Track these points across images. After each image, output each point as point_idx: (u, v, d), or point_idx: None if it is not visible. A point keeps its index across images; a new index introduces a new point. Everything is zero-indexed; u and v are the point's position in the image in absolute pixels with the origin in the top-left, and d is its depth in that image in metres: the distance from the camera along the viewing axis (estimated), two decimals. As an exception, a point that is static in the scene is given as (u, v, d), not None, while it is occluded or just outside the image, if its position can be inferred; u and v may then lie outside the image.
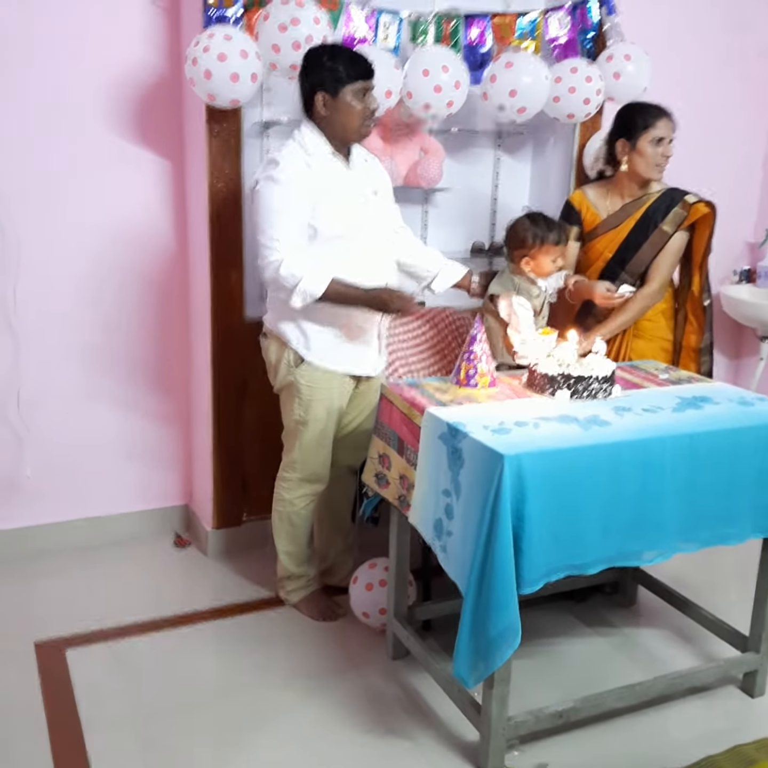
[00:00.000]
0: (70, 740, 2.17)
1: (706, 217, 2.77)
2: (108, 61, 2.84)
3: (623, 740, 2.22)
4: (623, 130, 2.76)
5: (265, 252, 2.37)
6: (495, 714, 2.03)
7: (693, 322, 2.91)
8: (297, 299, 2.36)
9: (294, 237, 2.36)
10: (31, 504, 3.08)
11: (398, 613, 2.47)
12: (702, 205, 2.76)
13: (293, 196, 2.35)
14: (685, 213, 2.76)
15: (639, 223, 2.79)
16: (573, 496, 1.95)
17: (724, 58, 3.82)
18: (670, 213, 2.77)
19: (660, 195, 2.80)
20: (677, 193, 2.80)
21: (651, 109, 2.74)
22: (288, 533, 2.71)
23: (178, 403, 3.25)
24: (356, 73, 2.36)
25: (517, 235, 2.64)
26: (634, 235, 2.80)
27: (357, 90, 2.37)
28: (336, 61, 2.35)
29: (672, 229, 2.77)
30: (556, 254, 2.64)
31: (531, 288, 2.66)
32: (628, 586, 2.84)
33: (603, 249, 2.85)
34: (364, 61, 2.38)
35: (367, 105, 2.40)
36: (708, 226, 2.79)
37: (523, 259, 2.63)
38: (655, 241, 2.78)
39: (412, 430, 2.20)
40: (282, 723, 2.26)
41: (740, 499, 2.17)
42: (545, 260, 2.63)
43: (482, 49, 2.97)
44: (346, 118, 2.39)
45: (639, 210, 2.80)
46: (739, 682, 2.44)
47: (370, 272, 2.47)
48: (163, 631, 2.66)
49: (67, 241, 2.93)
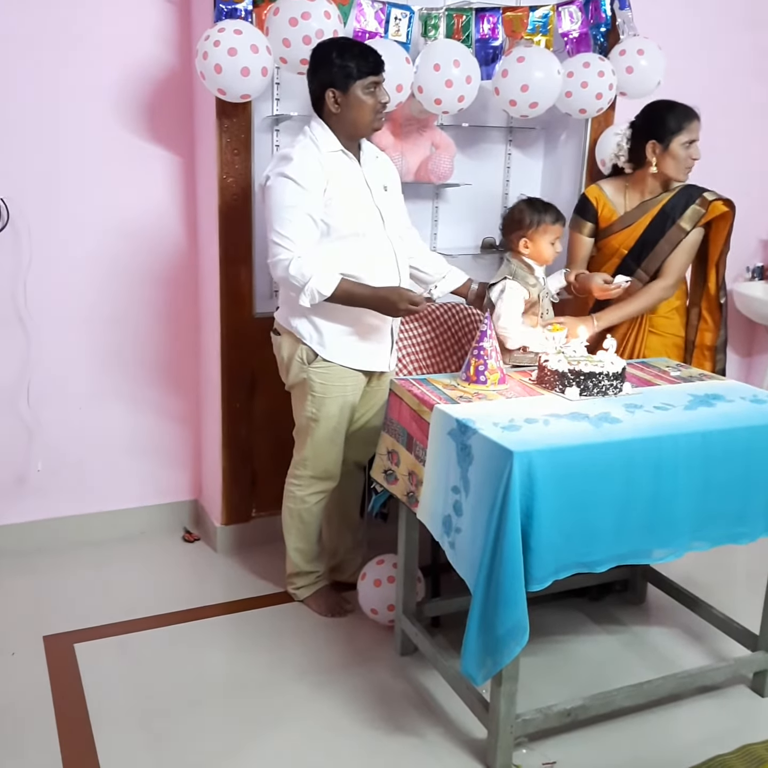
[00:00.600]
0: (78, 734, 2.17)
1: (725, 215, 2.74)
2: (119, 57, 2.84)
3: (632, 739, 2.21)
4: (653, 131, 2.70)
5: (276, 250, 2.36)
6: (503, 711, 2.02)
7: (708, 319, 2.88)
8: (305, 299, 2.35)
9: (305, 235, 2.35)
10: (41, 498, 3.09)
11: (407, 609, 2.47)
12: (721, 204, 2.73)
13: (305, 192, 2.34)
14: (703, 210, 2.73)
15: (656, 220, 2.76)
16: (583, 493, 1.94)
17: (739, 53, 3.79)
18: (688, 210, 2.74)
19: (678, 192, 2.77)
20: (695, 189, 2.77)
21: (683, 111, 2.70)
22: (298, 530, 2.70)
23: (188, 398, 3.26)
24: (367, 69, 2.34)
25: (514, 218, 2.64)
26: (650, 232, 2.77)
27: (367, 85, 2.35)
28: (345, 57, 2.33)
29: (690, 226, 2.74)
30: (554, 235, 2.61)
31: (527, 276, 2.64)
32: (638, 584, 2.82)
33: (618, 246, 2.82)
34: (373, 55, 2.36)
35: (378, 99, 2.39)
36: (726, 224, 2.76)
37: (521, 241, 2.61)
38: (672, 238, 2.75)
39: (421, 426, 2.20)
40: (291, 718, 2.26)
41: (753, 497, 2.15)
42: (543, 241, 2.61)
43: (494, 44, 2.95)
44: (358, 113, 2.38)
45: (656, 207, 2.77)
46: (749, 682, 2.43)
47: (384, 268, 2.47)
48: (172, 626, 2.67)
49: (78, 237, 2.94)
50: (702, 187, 2.78)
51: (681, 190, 2.77)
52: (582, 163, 3.29)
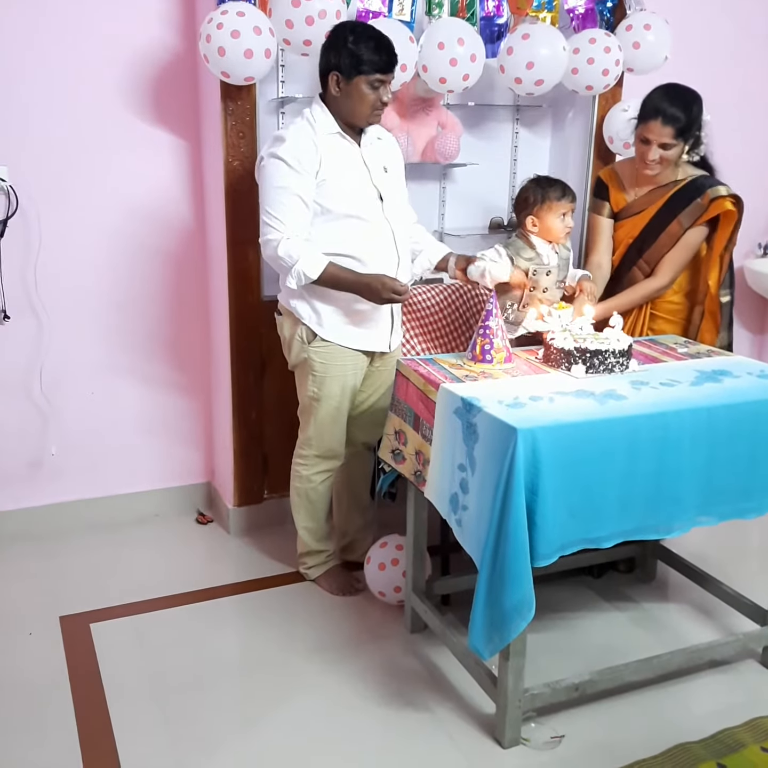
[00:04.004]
0: (94, 710, 2.22)
1: (731, 212, 2.64)
2: (124, 41, 2.84)
3: (640, 713, 2.23)
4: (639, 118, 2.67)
5: (265, 230, 2.38)
6: (511, 686, 2.05)
7: (709, 320, 2.75)
8: (292, 280, 2.37)
9: (295, 216, 2.36)
10: (56, 482, 3.13)
11: (416, 587, 2.49)
12: (726, 201, 2.62)
13: (297, 174, 2.34)
14: (703, 207, 2.64)
15: (660, 211, 2.71)
16: (588, 469, 1.95)
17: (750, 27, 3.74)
18: (690, 204, 2.66)
19: (687, 183, 2.69)
20: (704, 183, 2.67)
21: (650, 103, 2.61)
22: (306, 509, 2.73)
23: (200, 382, 3.28)
24: (375, 66, 2.32)
25: (521, 197, 2.63)
26: (655, 223, 2.72)
27: (372, 81, 2.33)
28: (359, 45, 2.30)
29: (688, 223, 2.66)
30: (561, 210, 2.58)
31: (524, 248, 2.62)
32: (647, 561, 2.83)
33: (625, 235, 2.79)
34: (387, 54, 2.33)
35: (380, 96, 2.37)
36: (731, 222, 2.65)
37: (528, 219, 2.60)
38: (672, 232, 2.69)
39: (427, 405, 2.21)
40: (303, 695, 2.29)
41: (759, 472, 2.15)
42: (549, 218, 2.58)
43: (498, 21, 2.93)
44: (356, 104, 2.37)
45: (664, 197, 2.71)
46: (758, 656, 2.43)
47: (383, 249, 2.47)
48: (186, 606, 2.70)
49: (86, 221, 2.96)
50: (713, 180, 2.69)
51: (691, 182, 2.69)
52: (590, 140, 3.26)
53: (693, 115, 2.61)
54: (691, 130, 2.63)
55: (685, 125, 2.59)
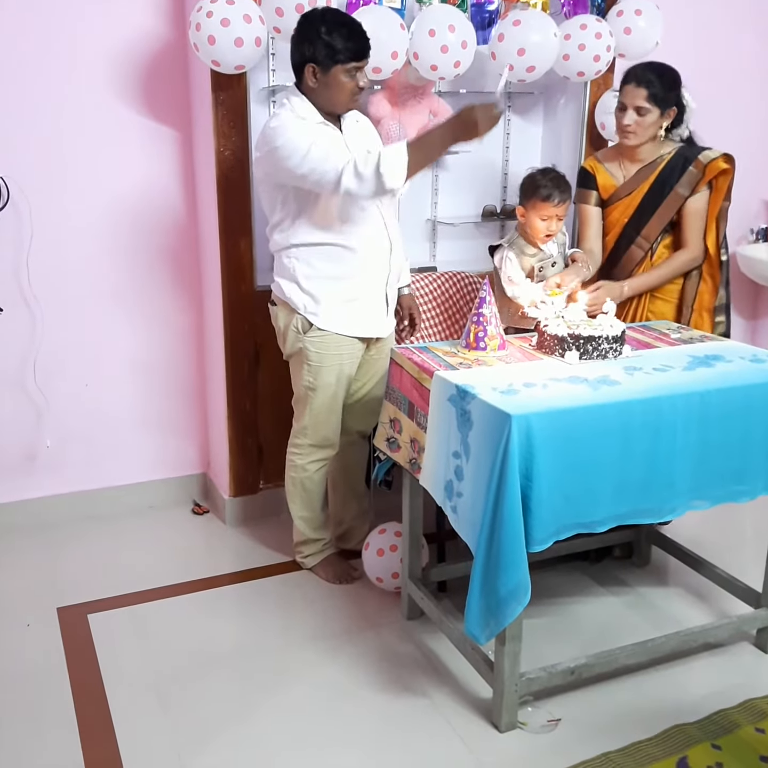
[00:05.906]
0: (93, 699, 2.23)
1: (725, 171, 2.68)
2: (113, 30, 2.83)
3: (636, 696, 2.24)
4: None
5: (326, 166, 2.25)
6: (507, 670, 2.06)
7: (708, 281, 2.79)
8: (389, 179, 2.21)
9: (336, 141, 2.34)
10: (52, 474, 3.13)
11: (412, 574, 2.50)
12: (719, 161, 2.67)
13: (309, 124, 2.34)
14: (699, 173, 2.68)
15: (654, 186, 2.73)
16: (582, 455, 1.96)
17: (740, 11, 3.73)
18: (684, 174, 2.69)
19: (674, 155, 2.72)
20: (691, 151, 2.72)
21: (627, 72, 2.65)
22: (302, 498, 2.74)
23: (194, 373, 3.28)
24: (351, 54, 2.31)
25: (521, 184, 2.64)
26: (649, 199, 2.73)
27: (349, 69, 2.33)
28: (333, 36, 2.28)
29: (687, 191, 2.70)
30: (544, 212, 2.58)
31: (526, 246, 2.63)
32: (642, 546, 2.85)
33: (620, 216, 2.79)
34: (362, 40, 2.32)
35: (357, 82, 2.36)
36: (726, 179, 2.70)
37: (518, 208, 2.61)
38: (671, 204, 2.71)
39: (422, 393, 2.21)
40: (300, 682, 2.30)
41: (752, 456, 2.16)
42: (532, 215, 2.59)
43: (489, 8, 2.92)
44: (334, 93, 2.37)
45: (654, 173, 2.72)
46: (752, 638, 2.45)
47: (371, 230, 2.47)
48: (183, 596, 2.71)
49: (78, 214, 2.95)
50: (699, 147, 2.73)
51: (677, 153, 2.72)
52: (582, 126, 3.26)
53: (666, 82, 2.63)
54: (667, 100, 2.64)
55: (659, 91, 2.61)
